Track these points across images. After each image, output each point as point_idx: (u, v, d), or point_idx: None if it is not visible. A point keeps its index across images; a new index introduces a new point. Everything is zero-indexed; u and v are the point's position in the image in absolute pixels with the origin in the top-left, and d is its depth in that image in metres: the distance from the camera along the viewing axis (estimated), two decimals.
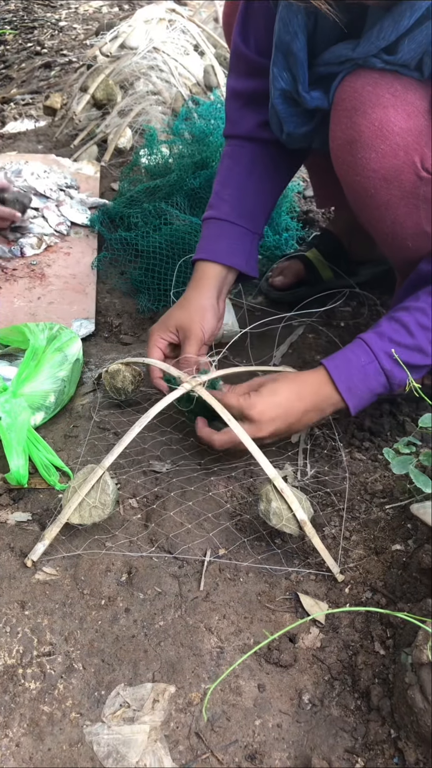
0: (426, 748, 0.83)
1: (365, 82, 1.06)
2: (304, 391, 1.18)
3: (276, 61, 1.15)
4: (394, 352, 1.13)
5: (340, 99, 1.10)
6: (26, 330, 1.39)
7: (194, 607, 1.04)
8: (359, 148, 1.09)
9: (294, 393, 1.17)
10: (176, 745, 0.89)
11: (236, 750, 0.89)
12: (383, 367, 1.14)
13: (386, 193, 1.11)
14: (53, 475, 1.21)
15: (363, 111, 1.06)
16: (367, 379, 1.15)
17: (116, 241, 1.85)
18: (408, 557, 1.08)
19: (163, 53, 2.60)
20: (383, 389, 1.17)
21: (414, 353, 1.14)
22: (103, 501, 1.08)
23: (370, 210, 1.17)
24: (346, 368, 1.16)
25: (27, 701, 0.92)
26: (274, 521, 1.07)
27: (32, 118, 2.98)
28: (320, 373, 1.18)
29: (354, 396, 1.17)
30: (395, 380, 1.15)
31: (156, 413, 1.12)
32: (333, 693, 0.95)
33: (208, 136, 2.06)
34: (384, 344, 1.15)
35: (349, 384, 1.16)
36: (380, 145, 1.07)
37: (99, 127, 2.58)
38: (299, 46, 1.10)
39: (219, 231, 1.35)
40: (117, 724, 0.90)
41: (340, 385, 1.16)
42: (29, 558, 1.07)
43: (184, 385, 1.17)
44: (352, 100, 1.08)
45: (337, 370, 1.17)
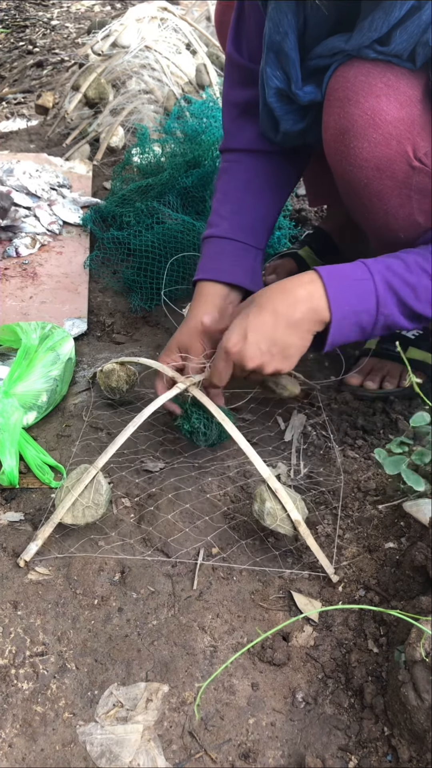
0: (419, 746, 0.83)
1: (358, 71, 1.06)
2: (281, 298, 1.08)
3: (268, 61, 1.15)
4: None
5: (332, 89, 1.09)
6: (18, 329, 1.39)
7: (187, 607, 1.04)
8: (352, 137, 1.08)
9: (267, 307, 1.08)
10: (170, 744, 0.89)
11: (230, 749, 0.89)
12: (377, 288, 1.06)
13: (378, 183, 1.11)
14: (47, 473, 1.21)
15: (355, 100, 1.06)
16: (357, 296, 1.07)
17: (108, 240, 1.85)
18: (401, 555, 1.08)
19: (155, 52, 2.60)
20: (368, 321, 1.08)
21: (408, 290, 1.06)
22: (97, 501, 1.08)
23: (363, 201, 1.17)
24: (339, 276, 1.07)
25: (20, 701, 0.92)
26: (269, 521, 1.07)
27: (24, 117, 2.97)
28: (308, 276, 1.09)
29: (339, 309, 1.06)
30: (384, 311, 1.07)
31: (150, 413, 1.12)
32: (326, 691, 0.95)
33: (200, 135, 2.06)
34: (381, 267, 1.07)
35: (341, 293, 1.06)
36: (372, 135, 1.06)
37: (91, 125, 2.58)
38: (290, 46, 1.10)
39: (219, 249, 1.30)
40: (110, 724, 0.90)
41: (331, 291, 1.06)
42: (22, 558, 1.06)
43: (179, 385, 1.17)
44: (345, 89, 1.07)
45: (329, 274, 1.07)
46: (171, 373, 1.20)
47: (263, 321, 1.08)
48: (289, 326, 1.08)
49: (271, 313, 1.08)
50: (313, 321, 1.08)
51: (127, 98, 2.55)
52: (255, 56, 1.25)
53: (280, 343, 1.09)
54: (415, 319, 1.10)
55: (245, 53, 1.27)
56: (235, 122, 1.34)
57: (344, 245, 1.71)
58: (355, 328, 1.08)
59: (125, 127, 2.53)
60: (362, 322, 1.08)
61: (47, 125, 2.78)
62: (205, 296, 1.27)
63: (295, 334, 1.09)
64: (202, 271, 1.29)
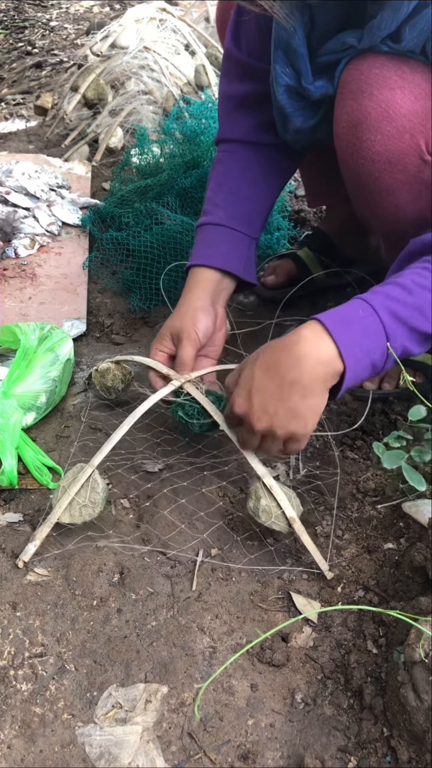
0: (418, 747, 0.83)
1: (372, 64, 1.06)
2: (284, 358, 0.99)
3: (277, 59, 1.14)
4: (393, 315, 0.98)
5: (345, 81, 1.09)
6: (17, 330, 1.39)
7: (186, 607, 1.03)
8: (364, 130, 1.07)
9: (271, 368, 1.00)
10: (169, 745, 0.89)
11: (229, 750, 0.89)
12: (383, 322, 0.97)
13: (390, 177, 1.10)
14: (45, 475, 1.20)
15: (369, 93, 1.05)
16: (366, 335, 0.97)
17: (107, 240, 1.84)
18: (400, 556, 1.08)
19: (154, 53, 2.60)
20: (380, 358, 0.99)
21: (414, 312, 0.98)
22: (93, 500, 1.08)
23: (373, 195, 1.16)
24: (342, 318, 0.98)
25: (18, 703, 0.92)
26: (263, 518, 1.07)
27: (23, 118, 2.97)
28: (310, 328, 0.99)
29: (352, 355, 0.97)
30: (395, 343, 0.99)
31: (144, 411, 1.12)
32: (326, 692, 0.95)
33: (199, 136, 2.06)
34: (381, 299, 0.99)
35: (348, 336, 0.97)
36: (386, 127, 1.06)
37: (90, 126, 2.57)
38: (299, 42, 1.10)
39: (213, 236, 1.29)
40: (109, 725, 0.90)
41: (339, 338, 0.96)
42: (20, 559, 1.06)
43: (173, 382, 1.17)
44: (359, 82, 1.06)
45: (332, 321, 0.98)
46: (166, 370, 1.20)
47: (268, 382, 1.00)
48: (297, 386, 0.98)
49: (275, 373, 1.00)
50: (327, 375, 0.99)
51: (126, 99, 2.55)
52: (253, 52, 1.26)
53: (288, 405, 1.00)
54: (426, 341, 1.02)
55: (244, 48, 1.28)
56: (230, 115, 1.35)
57: (344, 246, 1.71)
58: (368, 367, 1.00)
59: (124, 128, 2.53)
60: (374, 361, 0.99)
61: (46, 126, 2.78)
62: (197, 282, 1.27)
63: (307, 394, 0.99)
64: (196, 257, 1.29)
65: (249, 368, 1.03)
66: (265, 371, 1.01)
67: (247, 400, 1.02)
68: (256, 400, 1.01)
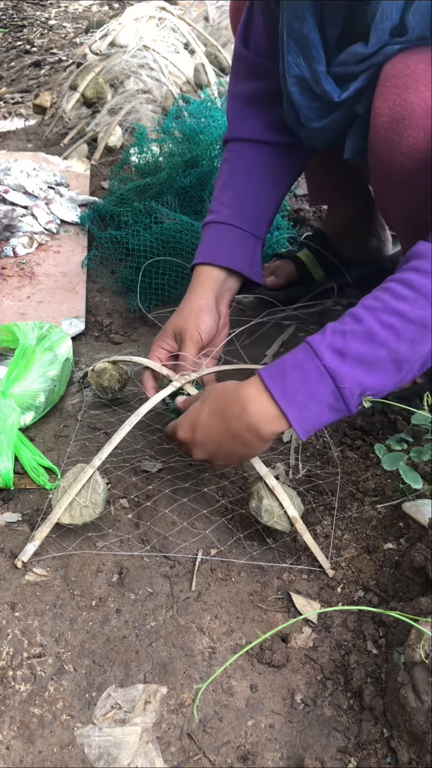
0: (419, 748, 0.83)
1: (419, 59, 1.03)
2: (231, 408, 1.00)
3: (289, 50, 1.13)
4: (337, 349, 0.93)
5: (389, 74, 1.06)
6: (16, 329, 1.38)
7: (186, 608, 1.03)
8: (407, 126, 1.05)
9: (218, 412, 1.02)
10: (168, 746, 0.88)
11: (228, 751, 0.88)
12: (326, 365, 0.92)
13: (427, 176, 1.08)
14: (42, 475, 1.20)
15: (415, 89, 1.03)
16: (306, 380, 0.94)
17: (106, 239, 1.84)
18: (400, 556, 1.08)
19: (153, 51, 2.60)
20: (334, 399, 0.94)
21: (365, 342, 0.92)
22: (94, 500, 1.07)
23: (404, 194, 1.14)
24: (279, 369, 0.97)
25: (17, 703, 0.91)
26: (266, 518, 1.07)
27: (22, 116, 2.97)
28: (253, 381, 0.99)
29: (293, 404, 0.95)
30: (346, 384, 0.92)
31: (146, 411, 1.12)
32: (325, 693, 0.95)
33: (199, 135, 2.06)
34: (326, 337, 0.94)
35: (284, 387, 0.95)
36: (430, 125, 1.03)
37: (89, 125, 2.57)
38: (309, 28, 1.09)
39: (219, 234, 1.29)
40: (108, 726, 0.89)
41: (274, 389, 0.95)
42: (19, 559, 1.06)
43: (173, 383, 1.17)
44: (404, 76, 1.04)
45: (269, 372, 0.97)
46: (165, 371, 1.20)
47: (212, 424, 1.03)
48: (238, 438, 1.01)
49: (219, 419, 1.02)
50: (271, 429, 0.98)
51: (125, 98, 2.54)
52: (261, 50, 1.27)
53: (226, 449, 1.04)
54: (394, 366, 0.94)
55: (252, 48, 1.29)
56: (239, 113, 1.34)
57: (343, 247, 1.71)
58: (326, 410, 0.96)
59: (123, 127, 2.53)
60: (331, 402, 0.95)
61: (45, 125, 2.78)
62: (202, 281, 1.26)
63: (247, 444, 1.02)
64: (201, 256, 1.28)
65: (200, 403, 1.06)
66: (211, 413, 1.03)
67: (190, 432, 1.06)
68: (199, 434, 1.05)
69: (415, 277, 0.93)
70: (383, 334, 0.92)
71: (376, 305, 0.94)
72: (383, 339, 0.92)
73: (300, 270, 1.70)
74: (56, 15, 4.36)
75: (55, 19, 4.28)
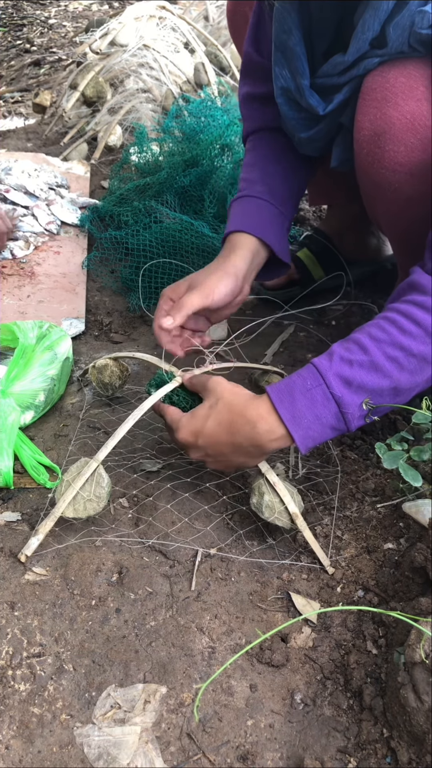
0: (418, 748, 0.83)
1: (399, 72, 1.04)
2: (240, 425, 1.03)
3: (276, 60, 1.15)
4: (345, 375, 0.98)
5: (370, 88, 1.07)
6: (15, 328, 1.38)
7: (185, 607, 1.03)
8: (387, 140, 1.06)
9: (225, 425, 1.04)
10: (168, 746, 0.88)
11: (228, 751, 0.88)
12: (332, 391, 0.98)
13: (410, 189, 1.09)
14: (42, 474, 1.20)
15: (395, 102, 1.04)
16: (314, 405, 0.99)
17: (106, 240, 1.84)
18: (400, 556, 1.08)
19: (153, 51, 2.59)
20: (336, 421, 0.99)
21: (370, 372, 0.97)
22: (98, 494, 1.08)
23: (390, 205, 1.15)
24: (289, 393, 1.01)
25: (16, 703, 0.91)
26: (267, 514, 1.07)
27: (22, 115, 2.97)
28: (263, 401, 1.03)
29: (300, 426, 1.00)
30: (349, 409, 0.98)
31: (150, 406, 1.12)
32: (325, 693, 0.94)
33: (199, 134, 2.05)
34: (333, 364, 0.99)
35: (293, 412, 1.00)
36: (410, 139, 1.04)
37: (89, 124, 2.57)
38: (295, 41, 1.10)
39: (254, 206, 1.27)
40: (108, 726, 0.89)
41: (284, 413, 1.00)
42: (23, 553, 1.06)
43: (176, 379, 1.17)
44: (383, 90, 1.05)
45: (279, 395, 1.01)
46: (167, 366, 1.20)
47: (218, 435, 1.05)
48: (240, 449, 1.05)
49: (226, 432, 1.04)
50: (272, 441, 1.02)
51: (125, 97, 2.54)
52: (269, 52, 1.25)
53: (227, 458, 1.07)
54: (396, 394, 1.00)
55: (265, 53, 1.28)
56: (257, 110, 1.34)
57: (344, 246, 1.71)
58: (329, 431, 1.01)
59: (123, 126, 2.52)
60: (333, 424, 1.00)
61: (45, 124, 2.77)
62: (237, 248, 1.22)
63: (246, 454, 1.06)
64: (236, 224, 1.25)
65: (206, 409, 1.07)
66: (218, 424, 1.05)
67: (192, 437, 1.07)
68: (202, 441, 1.06)
69: (419, 313, 0.96)
70: (388, 366, 0.97)
71: (382, 337, 0.98)
72: (387, 370, 0.97)
73: (300, 269, 1.70)
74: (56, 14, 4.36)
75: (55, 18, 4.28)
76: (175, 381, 1.16)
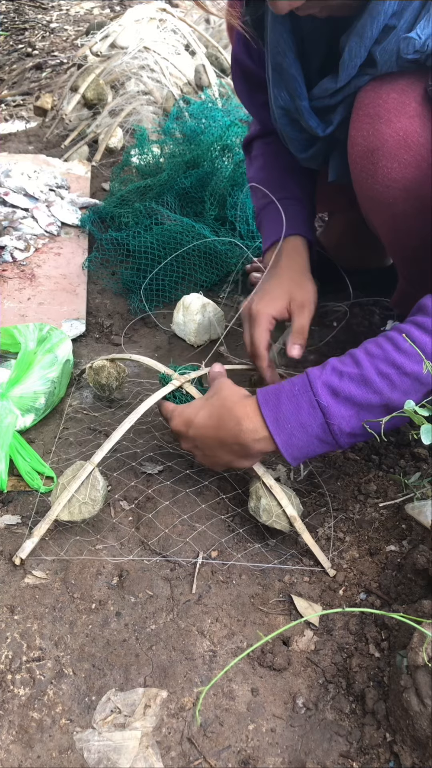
0: (422, 752, 0.82)
1: (391, 88, 1.03)
2: (226, 420, 1.03)
3: (275, 82, 1.15)
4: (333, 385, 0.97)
5: (362, 104, 1.07)
6: (16, 332, 1.38)
7: (186, 611, 1.02)
8: (381, 156, 1.06)
9: (214, 419, 1.05)
10: (168, 751, 0.87)
11: (229, 755, 0.87)
12: (319, 400, 0.97)
13: (404, 204, 1.09)
14: (36, 479, 1.19)
15: (387, 119, 1.03)
16: (299, 411, 0.98)
17: (107, 241, 1.84)
18: (403, 558, 1.07)
19: (153, 53, 2.59)
20: (323, 432, 0.98)
21: (359, 386, 0.96)
22: (93, 497, 1.07)
23: (385, 220, 1.15)
24: (276, 396, 1.01)
25: (16, 707, 0.91)
26: (264, 517, 1.07)
27: (23, 119, 2.97)
28: (251, 401, 1.03)
29: (283, 431, 0.99)
30: (334, 420, 0.96)
31: (146, 409, 1.12)
32: (327, 696, 0.94)
33: (199, 136, 2.05)
34: (324, 373, 0.98)
35: (277, 414, 0.99)
36: (404, 156, 1.04)
37: (90, 127, 2.57)
38: (289, 62, 1.10)
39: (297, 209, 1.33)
40: (108, 730, 0.89)
41: (267, 414, 1.00)
42: (17, 556, 1.05)
43: (173, 382, 1.16)
44: (375, 106, 1.05)
45: (266, 397, 1.01)
46: (167, 370, 1.19)
47: (206, 428, 1.06)
48: (225, 445, 1.05)
49: (214, 426, 1.05)
50: (254, 441, 1.02)
51: (125, 99, 2.54)
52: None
53: (214, 453, 1.07)
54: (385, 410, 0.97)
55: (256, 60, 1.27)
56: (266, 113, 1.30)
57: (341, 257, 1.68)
58: (312, 441, 1.00)
59: (124, 128, 2.52)
60: (315, 432, 0.99)
61: (46, 127, 2.77)
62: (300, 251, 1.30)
63: (231, 452, 1.05)
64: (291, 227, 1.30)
65: (203, 400, 1.09)
66: (209, 416, 1.06)
67: (184, 426, 1.08)
68: (192, 432, 1.08)
69: (417, 333, 0.95)
70: (378, 382, 0.95)
71: (376, 353, 0.97)
72: (378, 387, 0.95)
73: None
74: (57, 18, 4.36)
75: (57, 22, 4.28)
76: (172, 384, 1.16)
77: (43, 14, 4.43)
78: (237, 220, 1.84)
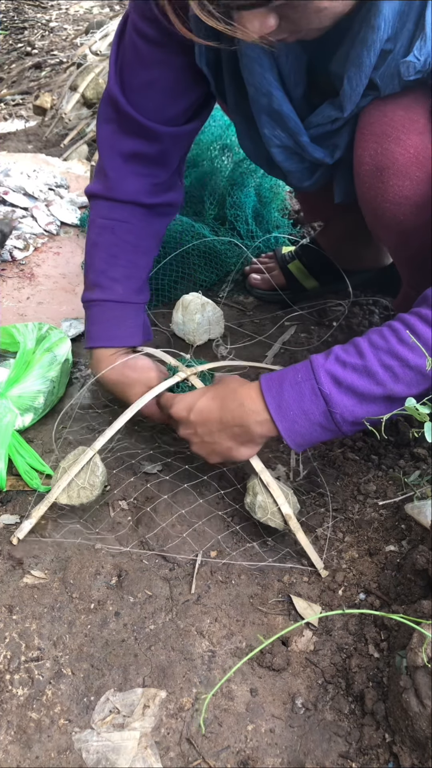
0: (421, 753, 0.82)
1: (396, 105, 1.02)
2: (229, 401, 1.04)
3: (264, 124, 1.10)
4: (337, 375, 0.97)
5: (367, 123, 1.05)
6: (15, 331, 1.37)
7: (185, 611, 1.02)
8: (391, 175, 1.04)
9: (218, 400, 1.05)
10: (167, 751, 0.87)
11: (228, 756, 0.87)
12: (321, 388, 0.97)
13: (415, 220, 1.07)
14: (35, 479, 1.19)
15: (396, 137, 1.02)
16: (301, 399, 0.98)
17: None
18: (402, 558, 1.07)
19: None
20: (325, 420, 0.98)
21: (362, 377, 0.95)
22: (92, 482, 1.09)
23: (394, 235, 1.14)
24: (279, 382, 1.01)
25: (14, 708, 0.90)
26: (259, 514, 1.06)
27: (22, 118, 2.96)
28: (254, 385, 1.03)
29: (285, 417, 0.99)
30: (336, 409, 0.96)
31: (149, 399, 1.12)
32: (326, 697, 0.93)
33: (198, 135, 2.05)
34: (327, 362, 0.98)
35: (280, 401, 1.00)
36: (416, 173, 1.03)
37: (89, 126, 2.56)
38: (279, 102, 1.06)
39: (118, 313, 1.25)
40: (106, 731, 0.88)
41: (269, 400, 1.00)
42: (15, 536, 1.07)
43: (179, 374, 1.16)
44: (382, 124, 1.03)
45: (268, 383, 1.01)
46: (174, 362, 1.19)
47: (209, 408, 1.06)
48: (227, 426, 1.04)
49: (218, 406, 1.05)
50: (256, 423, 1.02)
51: None
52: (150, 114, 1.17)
53: (213, 437, 1.06)
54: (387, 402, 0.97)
55: (133, 102, 1.16)
56: (120, 171, 1.23)
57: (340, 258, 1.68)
58: (314, 428, 1.00)
59: None
60: (317, 420, 0.99)
61: (45, 126, 2.77)
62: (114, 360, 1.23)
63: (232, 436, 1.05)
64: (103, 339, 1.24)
65: (205, 389, 1.10)
66: (212, 398, 1.06)
67: (186, 411, 1.08)
68: (194, 415, 1.07)
69: (420, 326, 0.95)
70: (381, 373, 0.95)
71: (380, 344, 0.96)
72: (381, 378, 0.95)
73: (290, 281, 1.69)
74: (57, 17, 4.36)
75: (56, 21, 4.28)
76: (178, 376, 1.16)
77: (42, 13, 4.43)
78: (236, 220, 1.83)
